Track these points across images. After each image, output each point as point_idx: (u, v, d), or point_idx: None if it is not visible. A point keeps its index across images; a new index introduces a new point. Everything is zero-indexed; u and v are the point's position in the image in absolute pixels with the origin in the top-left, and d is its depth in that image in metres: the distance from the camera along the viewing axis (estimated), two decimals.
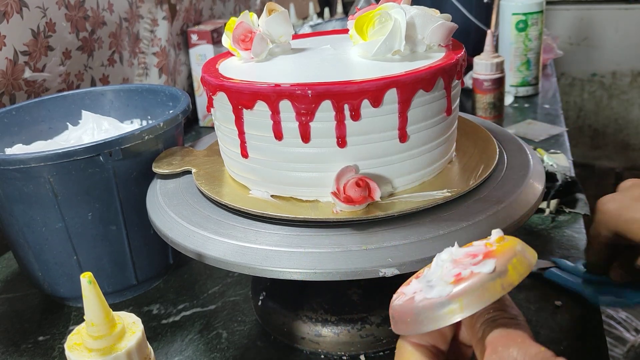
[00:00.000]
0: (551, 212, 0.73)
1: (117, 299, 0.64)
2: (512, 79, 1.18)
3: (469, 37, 1.16)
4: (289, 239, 0.44)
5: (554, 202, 0.73)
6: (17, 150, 0.66)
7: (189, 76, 1.19)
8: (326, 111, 0.43)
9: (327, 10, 1.62)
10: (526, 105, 1.16)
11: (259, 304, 0.58)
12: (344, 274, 0.40)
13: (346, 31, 0.54)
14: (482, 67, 0.98)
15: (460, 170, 0.50)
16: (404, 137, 0.45)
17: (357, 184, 0.43)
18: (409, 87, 0.43)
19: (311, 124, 0.44)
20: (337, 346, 0.53)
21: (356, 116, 0.43)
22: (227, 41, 0.55)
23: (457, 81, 0.48)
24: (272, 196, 0.48)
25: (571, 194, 0.75)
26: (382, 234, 0.43)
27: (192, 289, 0.65)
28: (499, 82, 0.99)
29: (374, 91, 0.42)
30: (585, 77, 2.21)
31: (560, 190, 0.74)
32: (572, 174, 0.79)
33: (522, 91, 1.19)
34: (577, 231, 0.70)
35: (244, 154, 0.48)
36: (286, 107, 0.43)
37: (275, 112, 0.44)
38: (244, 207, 0.47)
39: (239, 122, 0.47)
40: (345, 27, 0.55)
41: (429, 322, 0.29)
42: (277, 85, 0.43)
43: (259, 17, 0.55)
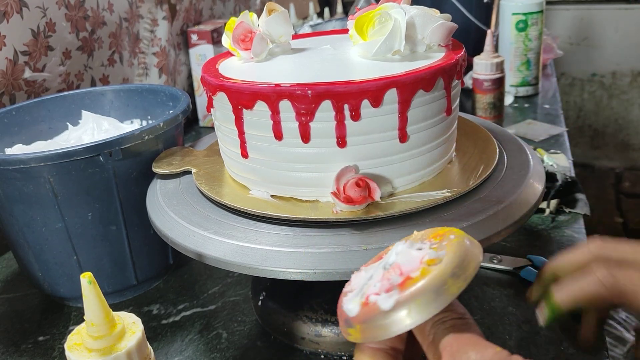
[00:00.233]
0: (551, 212, 0.73)
1: (117, 299, 0.64)
2: (512, 79, 1.18)
3: (469, 37, 1.16)
4: (289, 239, 0.44)
5: (554, 202, 0.73)
6: (17, 150, 0.66)
7: (189, 76, 1.19)
8: (326, 111, 0.43)
9: (327, 10, 1.62)
10: (526, 105, 1.16)
11: (259, 304, 0.58)
12: (344, 274, 0.40)
13: (346, 31, 0.54)
14: (482, 67, 0.98)
15: (460, 170, 0.50)
16: (404, 137, 0.45)
17: (357, 184, 0.43)
18: (409, 87, 0.43)
19: (311, 124, 0.44)
20: (337, 346, 0.53)
21: (356, 116, 0.43)
22: (227, 41, 0.55)
23: (457, 81, 0.48)
24: (272, 196, 0.48)
25: (571, 194, 0.75)
26: (382, 234, 0.43)
27: (192, 289, 0.65)
28: (499, 82, 0.99)
29: (374, 91, 0.42)
30: (585, 77, 2.21)
31: (560, 190, 0.74)
32: (572, 174, 0.79)
33: (522, 91, 1.19)
34: (577, 231, 0.70)
35: (244, 154, 0.48)
36: (286, 107, 0.43)
37: (275, 112, 0.44)
38: (244, 207, 0.47)
39: (239, 122, 0.47)
40: (345, 27, 0.55)
41: (381, 330, 0.28)
42: (277, 85, 0.43)
43: (259, 17, 0.55)
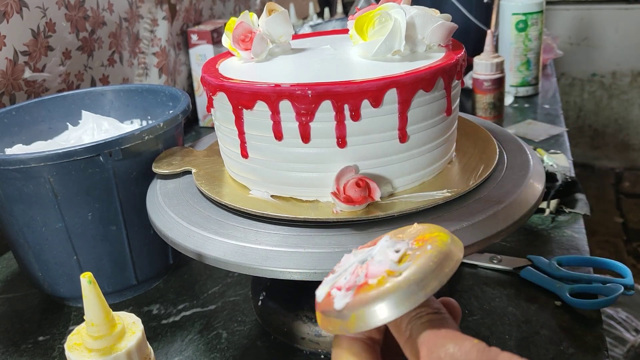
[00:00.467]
0: (551, 212, 0.73)
1: (117, 299, 0.64)
2: (512, 79, 1.18)
3: (469, 37, 1.16)
4: (289, 239, 0.44)
5: (554, 202, 0.73)
6: (17, 150, 0.66)
7: (189, 76, 1.19)
8: (326, 111, 0.43)
9: (327, 10, 1.62)
10: (526, 105, 1.16)
11: (259, 304, 0.58)
12: None
13: (346, 31, 0.54)
14: (482, 67, 0.98)
15: (460, 170, 0.50)
16: (404, 137, 0.45)
17: (357, 184, 0.43)
18: (409, 87, 0.43)
19: (311, 124, 0.44)
20: None
21: (356, 116, 0.43)
22: (227, 41, 0.55)
23: (457, 81, 0.48)
24: (272, 196, 0.48)
25: (571, 194, 0.75)
26: (382, 234, 0.43)
27: (192, 289, 0.65)
28: (499, 82, 0.99)
29: (374, 91, 0.42)
30: (585, 77, 2.21)
31: (560, 190, 0.74)
32: (572, 174, 0.79)
33: (522, 91, 1.19)
34: (577, 231, 0.70)
35: (244, 154, 0.48)
36: (286, 107, 0.43)
37: (275, 112, 0.44)
38: (244, 207, 0.47)
39: (239, 122, 0.47)
40: (345, 27, 0.55)
41: (332, 327, 0.28)
42: (277, 85, 0.43)
43: (259, 17, 0.55)
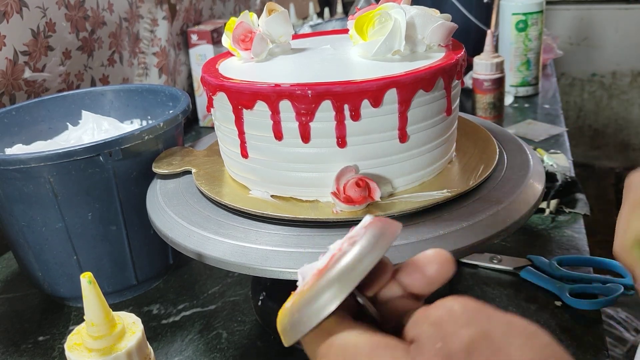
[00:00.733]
0: (551, 212, 0.73)
1: (117, 299, 0.64)
2: (512, 79, 1.18)
3: (469, 37, 1.16)
4: (289, 239, 0.44)
5: (554, 202, 0.73)
6: (17, 150, 0.66)
7: (189, 76, 1.19)
8: (326, 111, 0.43)
9: (327, 10, 1.62)
10: (526, 105, 1.16)
11: (259, 304, 0.58)
12: None
13: (346, 31, 0.54)
14: (482, 67, 0.98)
15: (460, 170, 0.50)
16: (404, 137, 0.45)
17: (357, 184, 0.43)
18: (409, 87, 0.43)
19: (311, 124, 0.44)
20: None
21: (356, 116, 0.43)
22: (227, 41, 0.55)
23: (457, 81, 0.48)
24: (272, 196, 0.48)
25: (571, 194, 0.75)
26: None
27: (192, 289, 0.65)
28: (499, 82, 0.99)
29: (374, 91, 0.42)
30: (585, 77, 2.21)
31: (560, 190, 0.74)
32: (572, 174, 0.79)
33: (522, 91, 1.19)
34: (577, 231, 0.70)
35: (244, 154, 0.48)
36: (286, 107, 0.43)
37: (275, 112, 0.44)
38: (244, 207, 0.47)
39: (239, 122, 0.47)
40: (345, 27, 0.55)
41: (310, 316, 0.27)
42: (277, 85, 0.43)
43: (259, 17, 0.55)
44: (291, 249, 0.43)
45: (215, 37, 1.10)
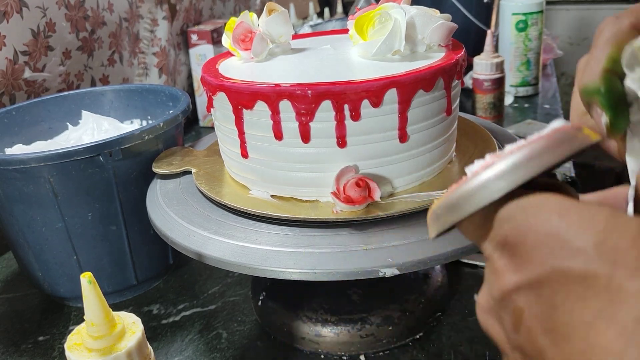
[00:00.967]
0: None
1: (117, 299, 0.64)
2: (512, 79, 1.18)
3: (469, 37, 1.16)
4: (289, 239, 0.44)
5: None
6: (17, 150, 0.66)
7: (189, 76, 1.19)
8: (326, 111, 0.43)
9: (327, 10, 1.62)
10: (526, 105, 1.16)
11: (259, 304, 0.58)
12: (344, 274, 0.40)
13: (346, 31, 0.54)
14: (482, 67, 0.98)
15: (460, 170, 0.50)
16: (404, 137, 0.45)
17: (357, 184, 0.43)
18: (409, 87, 0.43)
19: (311, 124, 0.44)
20: (337, 346, 0.53)
21: (356, 116, 0.43)
22: (227, 41, 0.55)
23: (457, 81, 0.48)
24: (272, 196, 0.48)
25: None
26: (382, 234, 0.43)
27: (192, 289, 0.65)
28: (499, 82, 0.99)
29: (374, 91, 0.42)
30: None
31: None
32: (573, 174, 0.79)
33: (522, 91, 1.19)
34: None
35: (244, 154, 0.48)
36: (286, 107, 0.43)
37: (275, 112, 0.44)
38: (244, 207, 0.47)
39: (239, 122, 0.47)
40: (345, 27, 0.55)
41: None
42: (277, 85, 0.43)
43: (259, 17, 0.55)
44: (291, 249, 0.43)
45: (215, 37, 1.10)
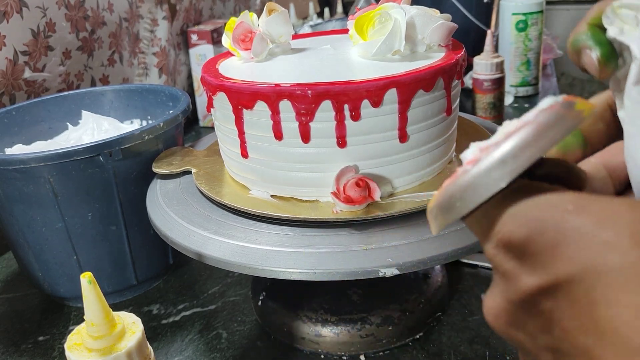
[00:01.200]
0: None
1: (117, 299, 0.64)
2: (512, 79, 1.18)
3: (469, 37, 1.16)
4: (289, 239, 0.44)
5: None
6: (17, 150, 0.66)
7: (189, 76, 1.19)
8: (326, 111, 0.43)
9: (327, 10, 1.62)
10: (526, 105, 1.16)
11: (259, 304, 0.58)
12: (344, 274, 0.40)
13: (346, 31, 0.54)
14: (482, 67, 0.98)
15: None
16: (404, 137, 0.45)
17: (357, 184, 0.43)
18: (409, 87, 0.43)
19: (311, 124, 0.44)
20: (337, 346, 0.53)
21: (356, 116, 0.43)
22: (227, 41, 0.55)
23: (457, 81, 0.48)
24: (272, 196, 0.48)
25: None
26: (382, 234, 0.43)
27: (192, 289, 0.65)
28: (499, 82, 0.99)
29: (374, 91, 0.42)
30: (585, 77, 2.21)
31: None
32: None
33: (522, 91, 1.19)
34: None
35: (244, 154, 0.48)
36: (286, 107, 0.43)
37: (275, 112, 0.44)
38: (244, 207, 0.47)
39: (239, 122, 0.47)
40: (345, 27, 0.55)
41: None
42: (277, 85, 0.43)
43: (259, 17, 0.55)
44: (291, 249, 0.43)
45: (215, 37, 1.10)
